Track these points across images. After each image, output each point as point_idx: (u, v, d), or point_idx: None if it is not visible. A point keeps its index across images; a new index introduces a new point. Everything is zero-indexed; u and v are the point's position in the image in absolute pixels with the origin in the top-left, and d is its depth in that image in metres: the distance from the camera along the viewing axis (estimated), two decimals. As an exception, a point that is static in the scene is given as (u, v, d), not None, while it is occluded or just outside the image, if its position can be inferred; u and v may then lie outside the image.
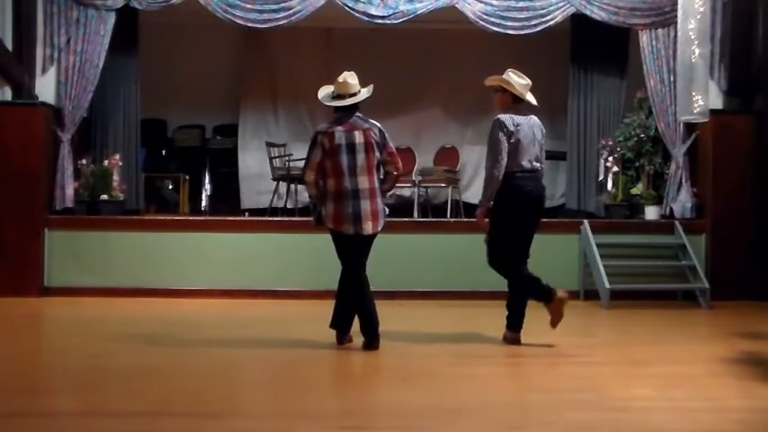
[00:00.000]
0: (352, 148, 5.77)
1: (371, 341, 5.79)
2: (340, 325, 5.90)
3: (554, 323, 5.91)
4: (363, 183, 5.77)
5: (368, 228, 5.77)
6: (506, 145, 5.81)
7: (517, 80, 5.93)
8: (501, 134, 5.82)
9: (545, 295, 5.85)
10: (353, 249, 5.84)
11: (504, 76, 5.96)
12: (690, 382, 5.05)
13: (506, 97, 5.96)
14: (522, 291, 5.96)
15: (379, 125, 5.92)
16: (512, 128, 5.82)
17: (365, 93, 5.95)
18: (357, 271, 5.84)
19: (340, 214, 5.76)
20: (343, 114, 5.88)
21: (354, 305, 5.84)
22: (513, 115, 5.89)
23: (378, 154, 5.84)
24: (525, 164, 5.86)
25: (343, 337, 5.91)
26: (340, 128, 5.81)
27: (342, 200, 5.75)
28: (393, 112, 10.40)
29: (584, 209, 9.76)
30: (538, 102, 6.05)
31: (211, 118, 11.58)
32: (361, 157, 5.77)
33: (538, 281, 5.88)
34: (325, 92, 6.02)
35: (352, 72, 5.96)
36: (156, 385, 4.89)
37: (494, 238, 5.94)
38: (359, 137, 5.79)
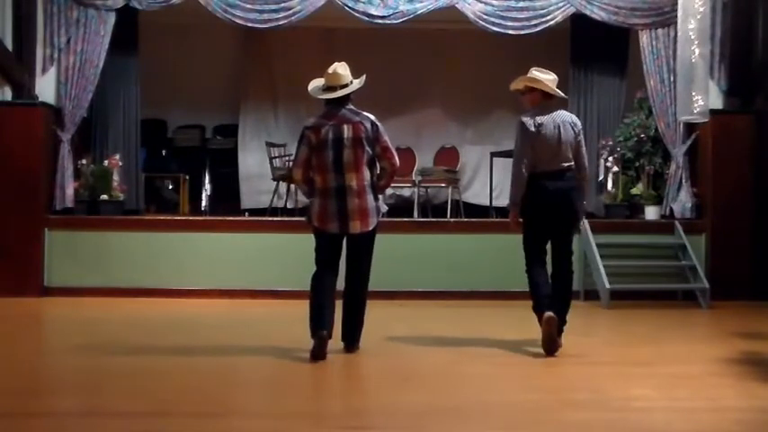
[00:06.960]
0: (339, 143, 5.47)
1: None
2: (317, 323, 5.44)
3: (542, 344, 5.65)
4: (351, 179, 5.48)
5: (355, 227, 5.49)
6: (529, 146, 5.70)
7: (544, 77, 5.82)
8: (522, 136, 5.74)
9: (536, 307, 5.73)
10: (335, 249, 5.57)
11: (529, 75, 5.86)
12: (690, 382, 5.05)
13: (536, 95, 5.84)
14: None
15: (372, 117, 5.59)
16: (533, 128, 5.70)
17: (357, 84, 5.66)
18: (329, 274, 5.51)
19: (325, 212, 5.51)
20: (333, 107, 5.59)
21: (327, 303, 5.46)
22: (535, 115, 5.76)
23: (369, 149, 5.53)
24: (547, 165, 5.71)
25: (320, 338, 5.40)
26: (328, 122, 5.53)
27: (327, 197, 5.50)
28: (393, 111, 10.40)
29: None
30: None
31: (211, 118, 11.59)
32: (348, 153, 5.47)
33: (538, 289, 5.72)
34: (314, 84, 5.72)
35: (343, 63, 5.69)
36: (156, 385, 4.89)
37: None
38: (347, 131, 5.49)
